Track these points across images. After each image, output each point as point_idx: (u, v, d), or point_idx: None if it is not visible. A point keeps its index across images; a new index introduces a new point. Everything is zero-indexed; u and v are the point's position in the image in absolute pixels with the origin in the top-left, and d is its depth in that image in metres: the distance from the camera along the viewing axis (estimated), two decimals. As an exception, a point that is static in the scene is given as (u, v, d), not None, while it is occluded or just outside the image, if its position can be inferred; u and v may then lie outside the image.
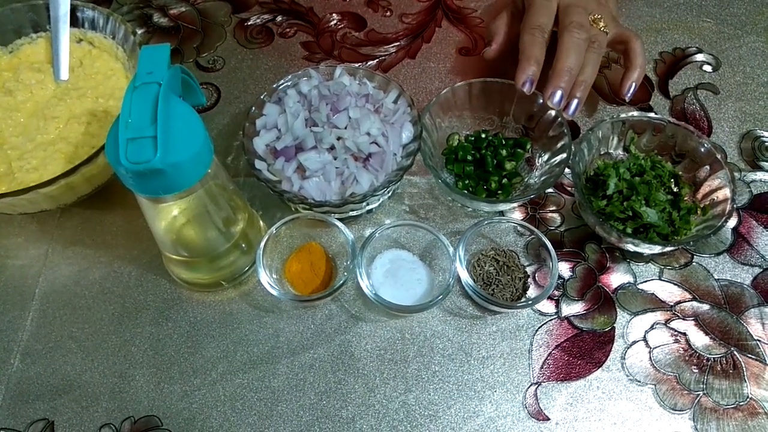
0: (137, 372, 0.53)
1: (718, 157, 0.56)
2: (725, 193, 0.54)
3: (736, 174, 0.62)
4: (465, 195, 0.57)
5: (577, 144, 0.57)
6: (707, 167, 0.57)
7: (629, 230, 0.55)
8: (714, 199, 0.55)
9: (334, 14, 0.77)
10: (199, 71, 0.72)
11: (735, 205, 0.53)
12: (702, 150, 0.57)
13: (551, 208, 0.61)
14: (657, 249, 0.54)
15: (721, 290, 0.56)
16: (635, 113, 0.60)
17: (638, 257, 0.57)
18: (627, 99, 0.63)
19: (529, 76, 0.58)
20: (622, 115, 0.59)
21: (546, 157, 0.60)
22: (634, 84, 0.63)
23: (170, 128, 0.38)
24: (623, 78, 0.63)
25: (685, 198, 0.57)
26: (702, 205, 0.56)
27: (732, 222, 0.60)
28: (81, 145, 0.57)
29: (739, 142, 0.65)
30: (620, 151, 0.61)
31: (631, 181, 0.56)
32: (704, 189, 0.57)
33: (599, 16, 0.62)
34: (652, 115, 0.59)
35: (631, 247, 0.55)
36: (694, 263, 0.57)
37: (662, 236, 0.55)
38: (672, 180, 0.58)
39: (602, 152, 0.60)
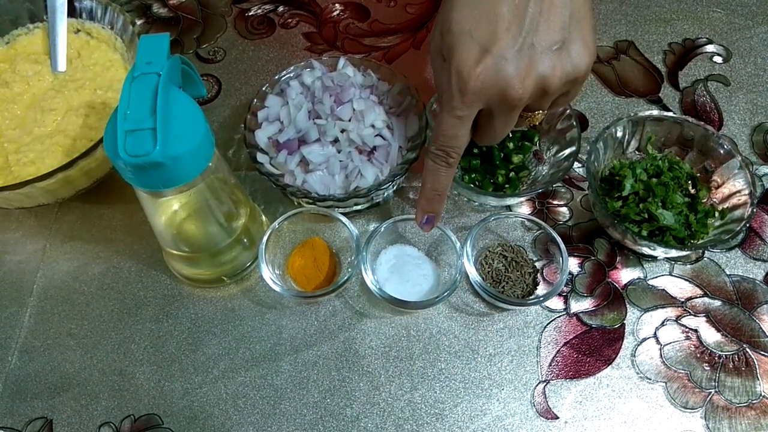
0: (137, 369, 0.52)
1: (738, 159, 0.54)
2: (744, 196, 0.53)
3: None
4: (471, 189, 0.56)
5: (593, 143, 0.55)
6: (726, 169, 0.55)
7: (644, 233, 0.53)
8: (733, 203, 0.54)
9: (336, 4, 0.75)
10: (200, 63, 0.71)
11: (754, 209, 0.52)
12: (721, 151, 0.55)
13: (560, 203, 0.59)
14: (673, 253, 0.53)
15: (732, 286, 0.55)
16: (654, 112, 0.57)
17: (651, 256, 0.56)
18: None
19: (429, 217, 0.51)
20: (641, 114, 0.57)
21: (554, 150, 0.58)
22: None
23: (170, 120, 0.37)
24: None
25: (703, 200, 0.55)
26: (720, 208, 0.55)
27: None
28: (79, 138, 0.56)
29: (751, 134, 0.64)
30: (635, 151, 0.59)
31: (647, 183, 0.55)
32: (722, 191, 0.55)
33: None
34: (671, 114, 0.57)
35: (646, 250, 0.53)
36: (705, 259, 0.56)
37: (678, 240, 0.53)
38: (689, 182, 0.56)
39: (617, 151, 0.58)
